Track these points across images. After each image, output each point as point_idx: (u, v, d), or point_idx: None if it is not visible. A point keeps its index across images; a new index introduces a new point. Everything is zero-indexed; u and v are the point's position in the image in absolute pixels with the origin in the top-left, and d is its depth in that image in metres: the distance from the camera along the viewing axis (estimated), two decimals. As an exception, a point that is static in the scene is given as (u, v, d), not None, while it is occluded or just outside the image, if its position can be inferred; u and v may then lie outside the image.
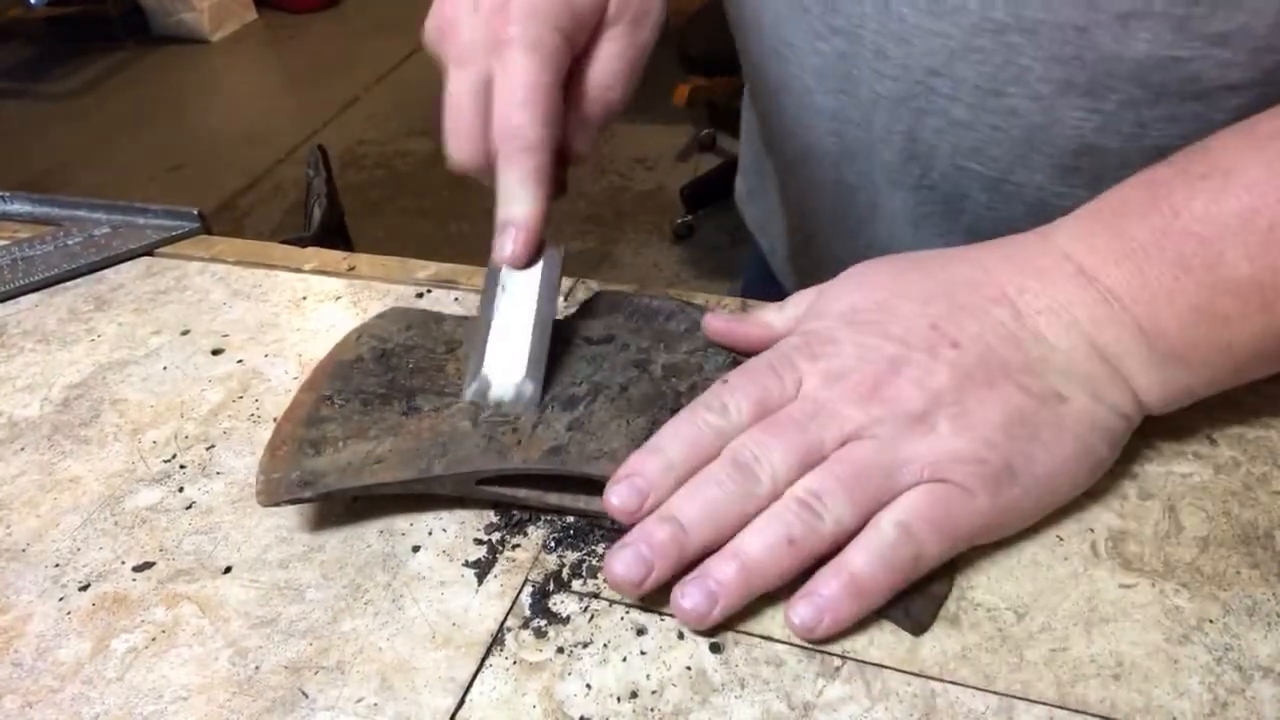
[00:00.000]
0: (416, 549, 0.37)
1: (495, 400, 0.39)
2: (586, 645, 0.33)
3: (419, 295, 0.52)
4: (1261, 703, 0.30)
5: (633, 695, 0.32)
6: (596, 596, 0.35)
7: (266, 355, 0.48)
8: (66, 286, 0.55)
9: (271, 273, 0.55)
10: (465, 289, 0.52)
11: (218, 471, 0.42)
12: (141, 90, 3.39)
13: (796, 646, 0.33)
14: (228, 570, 0.37)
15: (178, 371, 0.48)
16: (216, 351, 0.49)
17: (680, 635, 0.33)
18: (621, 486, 0.34)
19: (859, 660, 0.32)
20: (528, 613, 0.35)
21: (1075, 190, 0.44)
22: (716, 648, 0.33)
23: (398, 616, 0.35)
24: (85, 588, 0.37)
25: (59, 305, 0.54)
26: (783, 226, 0.66)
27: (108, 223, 0.59)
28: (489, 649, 0.33)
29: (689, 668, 0.32)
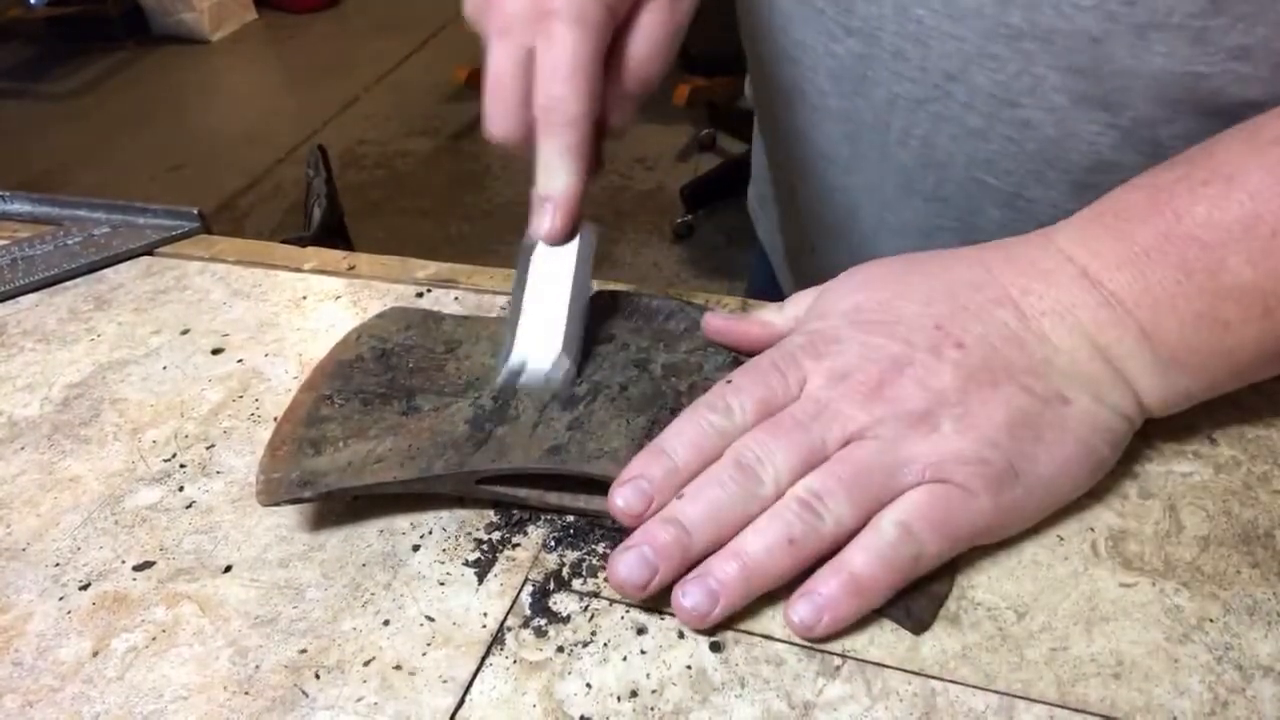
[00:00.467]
0: (416, 548, 0.37)
1: (530, 377, 0.39)
2: (587, 644, 0.33)
3: (419, 295, 0.52)
4: (1262, 702, 0.30)
5: (633, 694, 0.32)
6: (596, 596, 0.35)
7: (266, 355, 0.48)
8: (66, 286, 0.55)
9: (271, 272, 0.55)
10: (465, 289, 0.52)
11: (218, 471, 0.42)
12: (141, 90, 3.39)
13: (797, 646, 0.33)
14: (228, 569, 0.37)
15: (178, 371, 0.48)
16: (216, 351, 0.49)
17: (680, 634, 0.33)
18: (627, 489, 0.34)
19: (859, 659, 0.32)
20: (528, 612, 0.35)
21: None
22: (717, 647, 0.33)
23: (398, 616, 0.35)
24: (85, 587, 0.37)
25: (59, 305, 0.54)
26: (787, 236, 0.66)
27: (108, 222, 0.59)
28: (489, 648, 0.33)
29: (689, 667, 0.32)
